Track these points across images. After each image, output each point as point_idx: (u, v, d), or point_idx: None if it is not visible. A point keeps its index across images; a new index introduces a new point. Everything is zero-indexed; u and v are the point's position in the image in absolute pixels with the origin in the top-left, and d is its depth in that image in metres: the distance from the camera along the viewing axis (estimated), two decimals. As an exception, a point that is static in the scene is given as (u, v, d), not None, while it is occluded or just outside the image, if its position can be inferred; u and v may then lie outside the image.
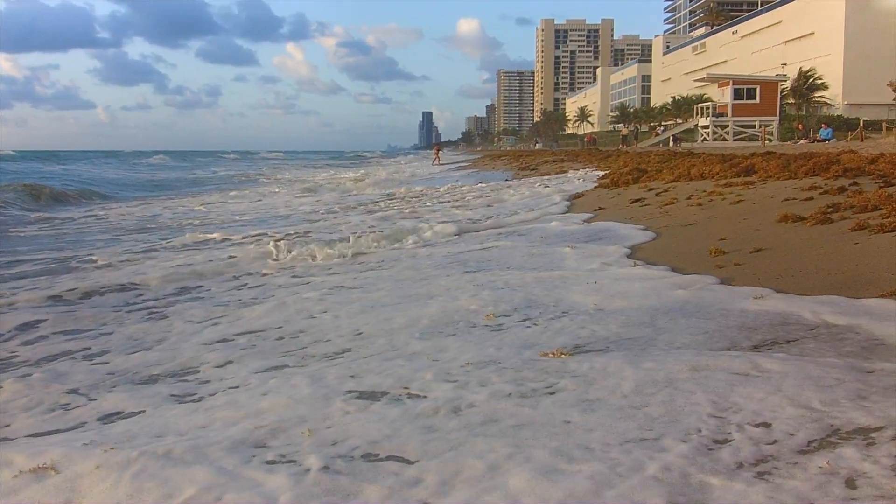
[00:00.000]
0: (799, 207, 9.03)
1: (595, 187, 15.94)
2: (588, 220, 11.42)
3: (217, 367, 4.90)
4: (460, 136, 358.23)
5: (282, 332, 5.73)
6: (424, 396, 3.80)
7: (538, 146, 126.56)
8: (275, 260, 9.45)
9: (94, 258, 10.23)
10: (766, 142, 46.56)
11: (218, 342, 5.55)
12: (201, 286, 8.07)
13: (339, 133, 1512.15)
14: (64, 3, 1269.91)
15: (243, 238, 11.94)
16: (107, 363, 5.16)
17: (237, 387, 4.34)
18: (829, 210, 8.36)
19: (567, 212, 12.98)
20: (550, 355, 4.37)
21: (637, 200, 12.46)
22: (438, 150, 71.61)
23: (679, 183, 13.49)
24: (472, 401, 3.66)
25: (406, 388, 3.96)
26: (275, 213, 17.75)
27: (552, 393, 3.72)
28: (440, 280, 7.43)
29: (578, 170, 26.35)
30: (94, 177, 43.00)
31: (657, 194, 12.77)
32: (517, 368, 4.15)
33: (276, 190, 29.81)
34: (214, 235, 12.42)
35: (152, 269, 9.11)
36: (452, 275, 7.67)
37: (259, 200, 23.24)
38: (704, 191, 11.93)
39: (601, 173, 20.21)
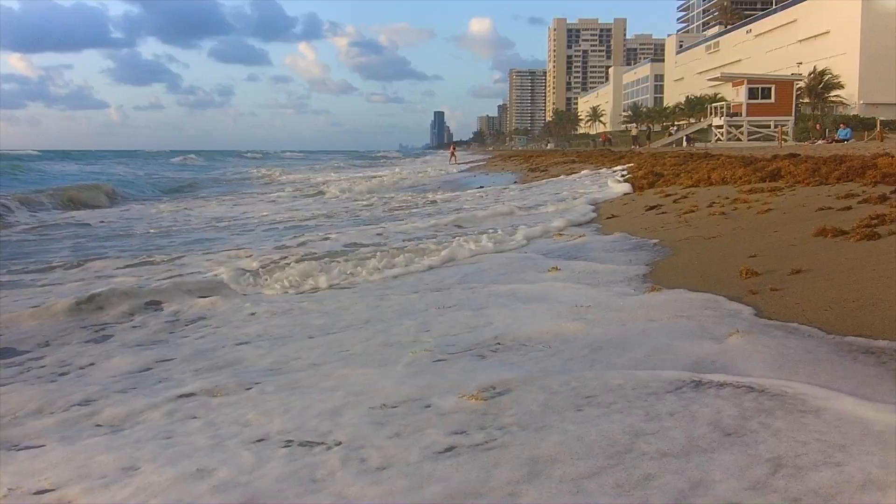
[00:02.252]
0: (837, 219, 8.03)
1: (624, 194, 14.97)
2: (601, 230, 10.46)
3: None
4: (472, 136, 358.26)
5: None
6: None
7: (550, 146, 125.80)
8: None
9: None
10: (783, 142, 45.36)
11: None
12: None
13: (351, 133, 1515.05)
14: (78, 3, 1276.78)
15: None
16: None
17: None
18: (874, 222, 7.36)
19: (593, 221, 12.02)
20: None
21: (653, 207, 11.48)
22: (454, 150, 74.05)
23: (699, 188, 12.50)
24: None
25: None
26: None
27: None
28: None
29: (602, 169, 25.36)
30: (153, 176, 44.97)
31: (675, 201, 11.78)
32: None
33: (338, 194, 27.05)
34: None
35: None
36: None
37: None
38: (727, 197, 10.94)
39: (619, 174, 19.26)
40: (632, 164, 22.26)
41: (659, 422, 3.34)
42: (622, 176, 16.60)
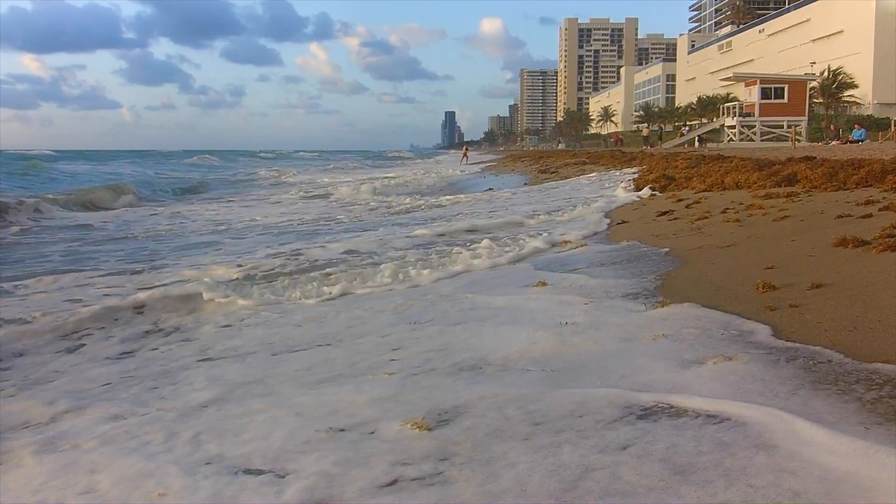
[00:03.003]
0: (858, 227, 7.67)
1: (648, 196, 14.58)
2: (607, 238, 10.11)
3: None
4: (483, 136, 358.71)
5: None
6: None
7: (561, 146, 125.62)
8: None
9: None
10: (796, 142, 44.84)
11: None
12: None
13: (362, 133, 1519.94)
14: (90, 4, 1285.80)
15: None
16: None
17: None
18: (897, 232, 7.00)
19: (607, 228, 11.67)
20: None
21: (664, 213, 11.13)
22: (467, 150, 74.79)
23: (712, 193, 12.14)
24: None
25: None
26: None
27: None
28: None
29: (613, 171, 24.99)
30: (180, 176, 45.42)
31: (687, 206, 11.42)
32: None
33: (344, 196, 26.41)
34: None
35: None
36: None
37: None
38: (741, 203, 10.58)
39: (630, 177, 18.91)
40: (643, 167, 21.88)
41: (612, 455, 3.06)
42: (633, 180, 16.22)
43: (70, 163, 61.70)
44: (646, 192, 13.70)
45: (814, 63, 77.05)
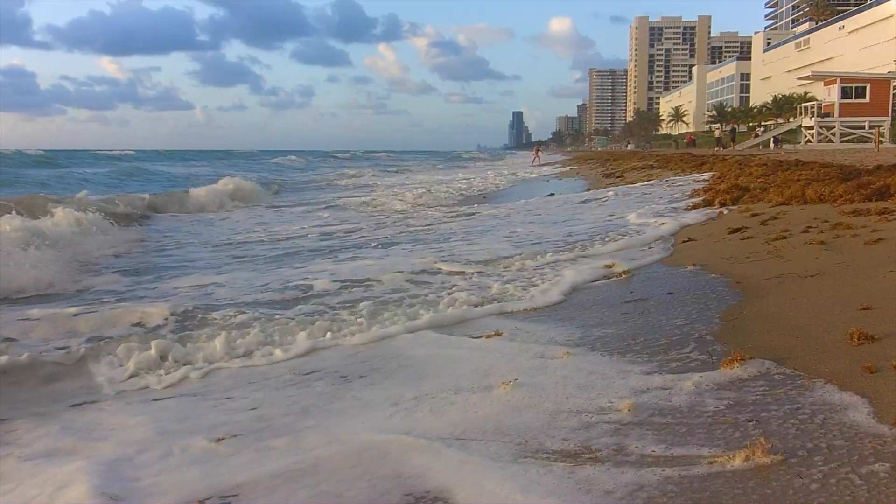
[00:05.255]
0: (971, 257, 6.43)
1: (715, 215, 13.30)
2: (667, 260, 8.96)
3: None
4: (550, 137, 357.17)
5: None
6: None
7: (630, 147, 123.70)
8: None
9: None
10: (880, 144, 42.51)
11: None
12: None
13: (428, 133, 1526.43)
14: (165, 7, 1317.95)
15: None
16: None
17: None
18: None
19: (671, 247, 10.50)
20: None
21: (737, 230, 9.91)
22: (538, 151, 75.71)
23: (790, 206, 10.85)
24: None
25: None
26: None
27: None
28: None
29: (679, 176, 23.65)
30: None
31: (763, 222, 10.18)
32: None
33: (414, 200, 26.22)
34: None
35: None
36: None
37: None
38: (826, 221, 9.31)
39: (698, 181, 17.62)
40: (714, 173, 20.49)
41: None
42: (702, 189, 14.94)
43: (161, 163, 63.69)
44: (699, 213, 12.23)
45: (898, 61, 73.73)
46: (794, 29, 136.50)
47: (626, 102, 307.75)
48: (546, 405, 4.34)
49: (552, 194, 23.60)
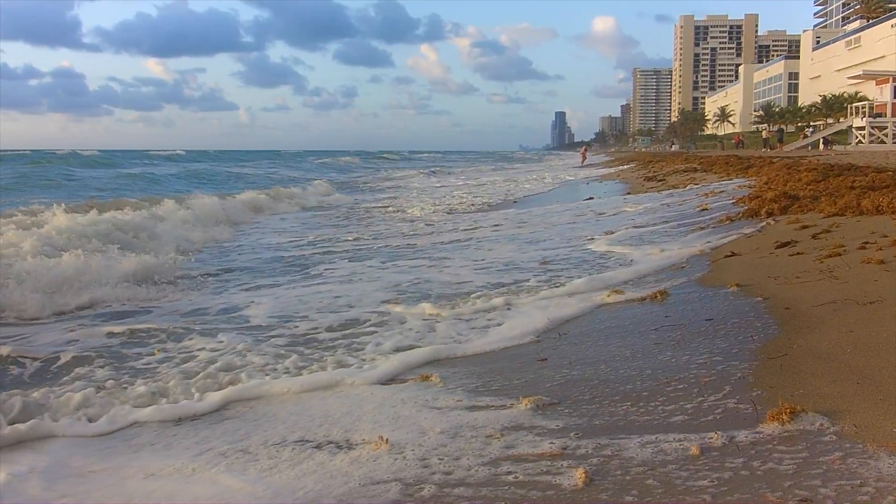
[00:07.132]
0: None
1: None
2: (704, 279, 8.15)
3: None
4: (594, 137, 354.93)
5: None
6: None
7: (674, 147, 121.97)
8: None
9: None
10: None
11: None
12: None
13: (470, 133, 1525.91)
14: (210, 9, 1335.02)
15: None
16: None
17: None
18: None
19: (709, 263, 9.70)
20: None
21: (785, 245, 9.07)
22: (585, 151, 76.74)
23: (844, 218, 9.96)
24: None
25: None
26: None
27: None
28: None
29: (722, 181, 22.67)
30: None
31: (814, 236, 9.31)
32: None
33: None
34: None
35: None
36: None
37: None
38: (885, 236, 8.43)
39: (743, 187, 16.69)
40: (761, 178, 19.49)
41: None
42: (747, 196, 14.03)
43: (223, 163, 64.88)
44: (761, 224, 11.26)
45: (954, 59, 71.28)
46: (845, 27, 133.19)
47: (670, 102, 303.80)
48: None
49: (591, 198, 23.35)
